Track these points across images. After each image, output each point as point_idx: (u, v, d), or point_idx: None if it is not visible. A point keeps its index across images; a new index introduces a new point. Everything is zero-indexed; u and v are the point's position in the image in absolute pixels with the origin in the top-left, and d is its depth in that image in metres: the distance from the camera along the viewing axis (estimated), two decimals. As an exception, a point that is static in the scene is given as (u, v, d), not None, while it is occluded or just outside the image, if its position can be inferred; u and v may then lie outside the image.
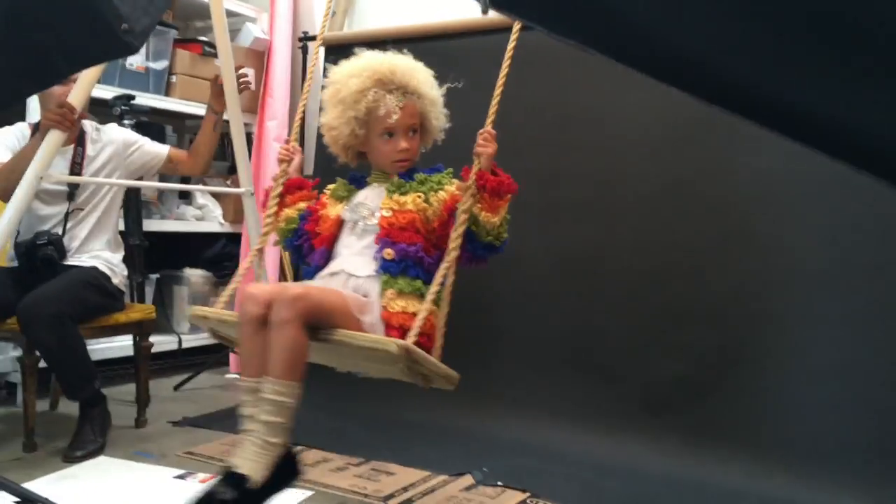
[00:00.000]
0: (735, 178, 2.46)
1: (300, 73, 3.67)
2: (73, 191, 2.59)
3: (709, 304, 2.44)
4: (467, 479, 2.23)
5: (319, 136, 3.36)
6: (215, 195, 3.80)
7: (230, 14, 3.18)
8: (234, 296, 1.79)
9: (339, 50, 3.36)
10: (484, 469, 2.28)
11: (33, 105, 2.95)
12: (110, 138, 2.71)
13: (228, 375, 3.63)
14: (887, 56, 0.46)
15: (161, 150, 2.81)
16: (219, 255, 3.85)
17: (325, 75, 3.40)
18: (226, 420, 2.81)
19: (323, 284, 1.61)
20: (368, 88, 1.63)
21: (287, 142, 1.77)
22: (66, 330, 2.34)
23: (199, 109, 3.57)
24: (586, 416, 2.51)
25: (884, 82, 0.46)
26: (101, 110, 3.14)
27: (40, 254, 2.46)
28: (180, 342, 3.61)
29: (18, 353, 2.58)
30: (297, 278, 1.88)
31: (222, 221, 3.84)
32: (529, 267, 2.64)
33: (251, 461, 1.40)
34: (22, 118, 2.89)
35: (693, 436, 2.37)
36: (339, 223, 1.70)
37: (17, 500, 1.54)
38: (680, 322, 2.47)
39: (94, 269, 2.58)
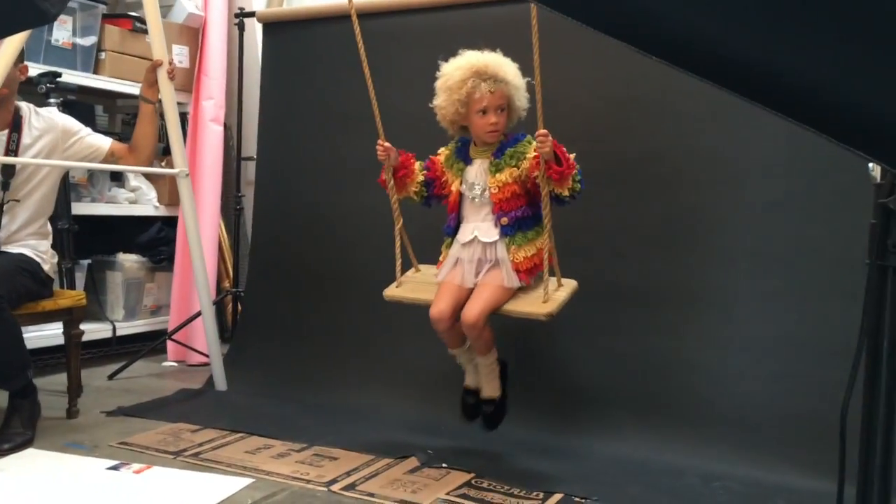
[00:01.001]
0: (676, 159, 2.48)
1: (237, 51, 3.56)
2: (6, 180, 2.47)
3: (650, 282, 2.47)
4: (412, 462, 2.21)
5: (260, 118, 3.30)
6: (150, 177, 3.67)
7: (162, -12, 3.05)
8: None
9: (276, 27, 3.27)
10: (428, 451, 2.26)
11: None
12: (50, 125, 2.58)
13: (166, 363, 3.53)
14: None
15: (102, 143, 2.68)
16: (154, 239, 3.73)
17: (262, 53, 3.33)
18: (162, 409, 2.73)
19: (466, 252, 2.18)
20: (468, 78, 2.10)
21: (387, 151, 2.22)
22: (4, 315, 2.25)
23: (129, 88, 3.44)
24: (528, 397, 2.51)
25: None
26: (26, 88, 2.99)
27: None
28: (114, 330, 3.50)
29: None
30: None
31: (157, 204, 3.72)
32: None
33: (491, 386, 2.20)
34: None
35: (636, 412, 2.39)
36: (459, 194, 2.22)
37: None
38: (622, 300, 2.49)
39: (24, 255, 2.47)
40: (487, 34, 2.30)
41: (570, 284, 2.17)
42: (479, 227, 2.19)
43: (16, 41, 2.18)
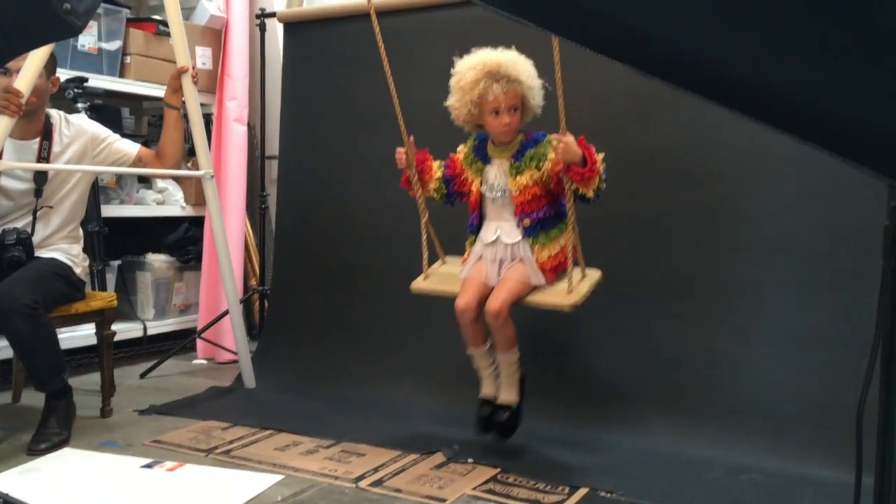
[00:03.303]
0: (697, 151, 2.47)
1: (259, 51, 3.60)
2: (39, 187, 2.52)
3: (672, 274, 2.46)
4: (438, 457, 2.24)
5: (282, 117, 3.33)
6: (176, 178, 3.73)
7: (184, -8, 3.09)
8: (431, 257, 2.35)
9: (297, 27, 3.30)
10: (454, 446, 2.28)
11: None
12: (79, 132, 2.63)
13: (195, 361, 3.59)
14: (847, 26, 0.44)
15: (130, 149, 2.72)
16: (182, 239, 3.78)
17: (283, 53, 3.36)
18: (193, 407, 2.78)
19: (490, 252, 2.19)
20: (480, 79, 2.08)
21: (406, 154, 2.23)
22: (41, 319, 2.30)
23: (155, 90, 3.49)
24: (554, 391, 2.52)
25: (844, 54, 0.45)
26: (54, 94, 3.05)
27: (7, 255, 2.39)
28: (145, 329, 3.56)
29: (-23, 346, 2.52)
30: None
31: (184, 205, 3.77)
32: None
33: (509, 391, 2.21)
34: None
35: (662, 405, 2.39)
36: (480, 194, 2.23)
37: (-22, 496, 1.50)
38: (647, 292, 2.49)
39: (56, 259, 2.53)
40: (509, 30, 2.29)
41: (593, 275, 2.19)
42: (501, 227, 2.20)
43: (42, 52, 2.22)
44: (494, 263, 2.18)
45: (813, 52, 0.44)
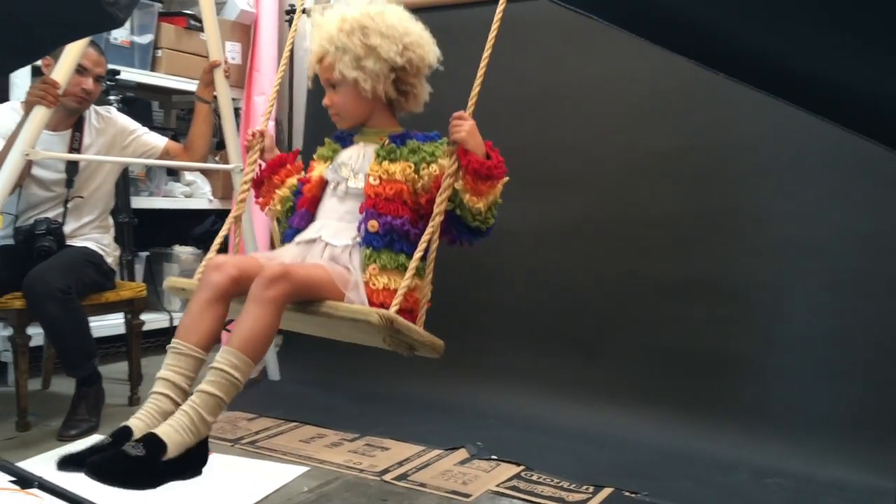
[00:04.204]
0: (722, 150, 2.46)
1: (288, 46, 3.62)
2: (70, 178, 2.56)
3: (696, 275, 2.45)
4: (462, 454, 2.25)
5: (307, 112, 3.35)
6: (204, 171, 3.76)
7: (215, -13, 3.12)
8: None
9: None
10: (478, 443, 2.29)
11: (17, 80, 2.90)
12: (108, 124, 2.68)
13: (220, 352, 3.61)
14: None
15: (158, 141, 2.77)
16: (208, 231, 3.82)
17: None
18: (219, 397, 2.81)
19: (300, 251, 1.57)
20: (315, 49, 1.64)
21: (253, 135, 1.75)
22: (73, 304, 2.34)
23: (185, 84, 3.52)
24: (578, 388, 2.52)
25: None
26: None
27: (38, 245, 2.44)
28: (171, 319, 3.60)
29: (9, 332, 2.56)
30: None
31: (211, 198, 3.81)
32: (518, 240, 2.63)
33: (176, 432, 1.28)
34: (5, 96, 2.85)
35: (685, 407, 2.38)
36: (323, 184, 1.65)
37: (12, 479, 1.52)
38: (668, 294, 2.48)
39: (88, 248, 2.57)
40: (553, 25, 2.21)
41: (432, 337, 1.58)
42: (328, 225, 1.59)
43: (80, 45, 2.25)
44: (298, 259, 1.55)
45: (877, 49, 0.44)
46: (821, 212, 2.31)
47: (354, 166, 1.61)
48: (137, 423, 1.31)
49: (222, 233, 1.71)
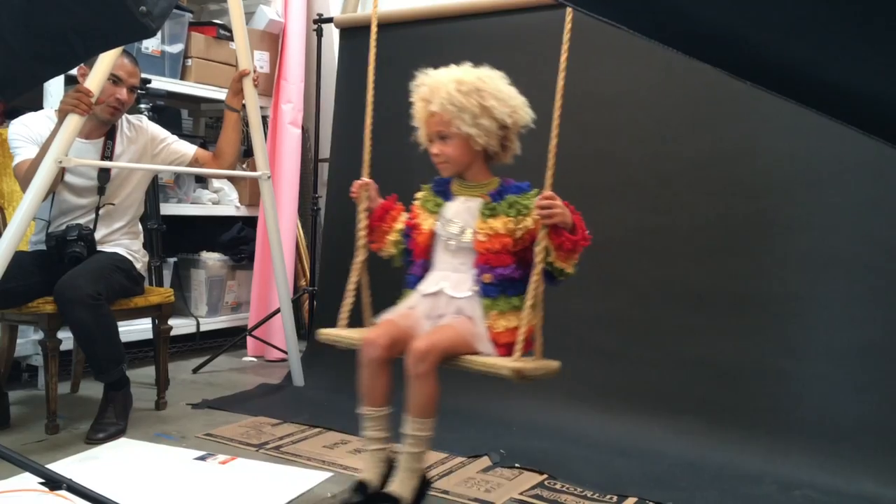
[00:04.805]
0: (752, 160, 2.44)
1: (315, 56, 3.66)
2: (102, 185, 2.61)
3: (729, 286, 2.43)
4: (485, 461, 2.24)
5: (335, 120, 3.38)
6: (232, 179, 3.81)
7: (245, -3, 3.17)
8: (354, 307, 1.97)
9: (353, 32, 3.35)
10: (501, 451, 2.28)
11: (51, 89, 2.96)
12: (139, 133, 2.72)
13: (246, 358, 3.66)
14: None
15: (187, 150, 2.81)
16: (235, 238, 3.86)
17: (338, 58, 3.42)
18: (244, 403, 2.84)
19: (428, 304, 1.80)
20: (418, 101, 1.87)
21: (360, 186, 1.97)
22: (104, 310, 2.38)
23: (214, 93, 3.58)
24: (604, 398, 2.51)
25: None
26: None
27: (69, 251, 2.48)
28: (198, 325, 3.64)
29: (40, 336, 2.61)
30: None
31: (238, 205, 3.85)
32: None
33: (403, 484, 1.74)
34: (39, 104, 2.91)
35: (712, 418, 2.36)
36: (432, 235, 1.86)
37: (41, 480, 1.55)
38: (700, 304, 2.46)
39: (118, 254, 2.61)
40: (583, 33, 2.22)
41: (549, 363, 1.76)
42: (448, 277, 1.81)
43: (112, 54, 2.29)
44: (429, 319, 1.78)
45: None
46: (853, 222, 2.28)
47: (460, 222, 1.82)
48: (369, 476, 1.79)
49: (354, 278, 1.93)
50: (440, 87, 1.80)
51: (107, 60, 2.28)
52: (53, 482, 1.53)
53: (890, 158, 2.20)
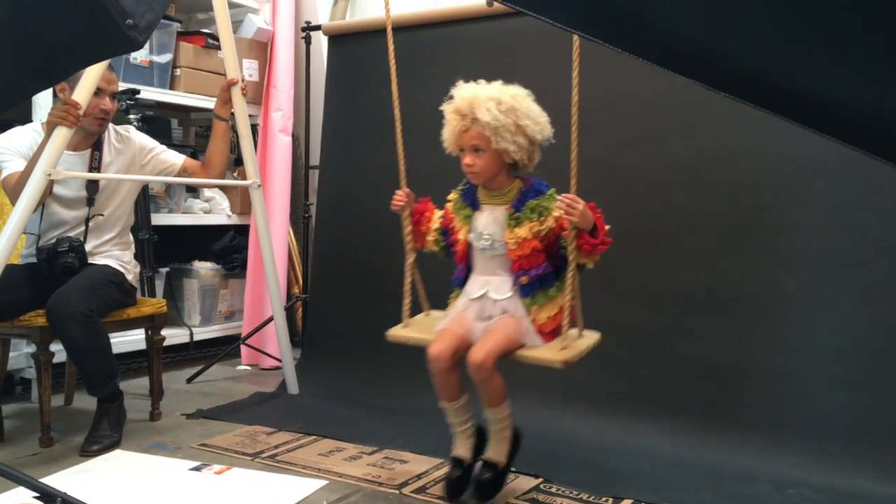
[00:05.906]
0: (743, 161, 2.45)
1: (304, 63, 3.66)
2: (91, 197, 2.61)
3: (720, 286, 2.44)
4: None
5: (324, 127, 3.38)
6: (222, 188, 3.81)
7: (232, 5, 3.17)
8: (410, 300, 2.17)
9: (341, 39, 3.35)
10: (497, 455, 2.29)
11: (40, 101, 2.96)
12: (127, 143, 2.72)
13: (240, 367, 3.65)
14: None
15: (176, 159, 2.80)
16: (227, 247, 3.86)
17: (327, 65, 3.42)
18: (239, 412, 2.84)
19: (476, 308, 2.01)
20: (451, 115, 2.00)
21: (403, 195, 2.13)
22: (96, 326, 2.38)
23: (203, 102, 3.58)
24: (598, 400, 2.52)
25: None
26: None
27: (61, 262, 2.47)
28: (192, 335, 3.64)
29: (33, 349, 2.60)
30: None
31: (230, 214, 3.85)
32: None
33: (498, 451, 2.01)
34: (28, 117, 2.90)
35: (705, 418, 2.37)
36: (468, 244, 2.06)
37: (35, 494, 1.55)
38: (690, 305, 2.47)
39: (109, 266, 2.60)
40: (561, 41, 2.27)
41: (592, 336, 2.02)
42: (489, 281, 2.02)
43: (99, 67, 2.29)
44: (479, 321, 1.99)
45: (874, 68, 0.45)
46: (841, 222, 2.29)
47: (489, 234, 2.00)
48: (462, 452, 2.05)
49: (408, 278, 2.14)
50: (480, 104, 1.93)
51: (94, 73, 2.28)
52: (48, 496, 1.52)
53: (874, 160, 2.22)
